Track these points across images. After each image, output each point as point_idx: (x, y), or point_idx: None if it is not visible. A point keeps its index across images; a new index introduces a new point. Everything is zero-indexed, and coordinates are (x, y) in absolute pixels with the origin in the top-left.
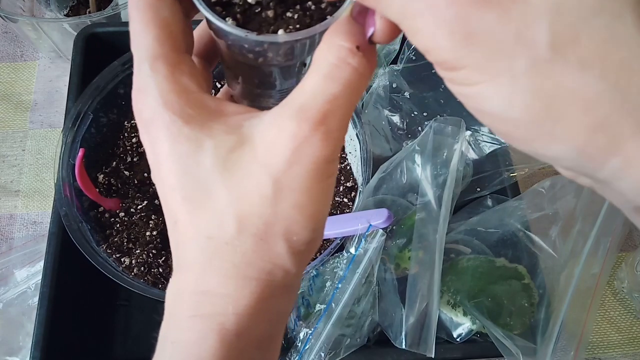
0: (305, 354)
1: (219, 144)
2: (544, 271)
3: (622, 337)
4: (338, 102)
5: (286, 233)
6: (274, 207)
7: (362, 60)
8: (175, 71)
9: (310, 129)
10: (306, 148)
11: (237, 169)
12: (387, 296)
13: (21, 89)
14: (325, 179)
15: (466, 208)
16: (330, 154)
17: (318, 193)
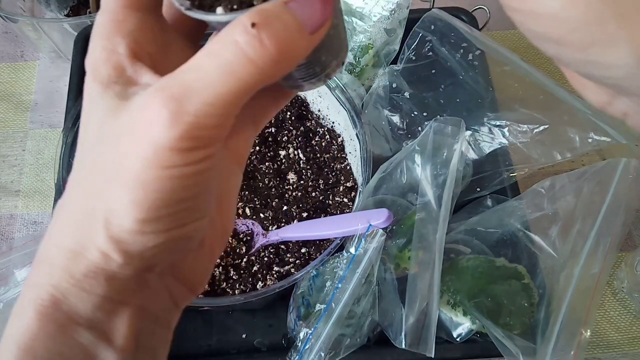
0: (305, 353)
1: (103, 102)
2: (543, 271)
3: (622, 337)
4: (205, 81)
5: (106, 213)
6: (103, 182)
7: (254, 41)
8: (113, 28)
9: (159, 106)
10: (149, 126)
11: (101, 132)
12: (387, 296)
13: (21, 89)
14: (164, 168)
15: (466, 208)
16: (173, 138)
17: (151, 181)
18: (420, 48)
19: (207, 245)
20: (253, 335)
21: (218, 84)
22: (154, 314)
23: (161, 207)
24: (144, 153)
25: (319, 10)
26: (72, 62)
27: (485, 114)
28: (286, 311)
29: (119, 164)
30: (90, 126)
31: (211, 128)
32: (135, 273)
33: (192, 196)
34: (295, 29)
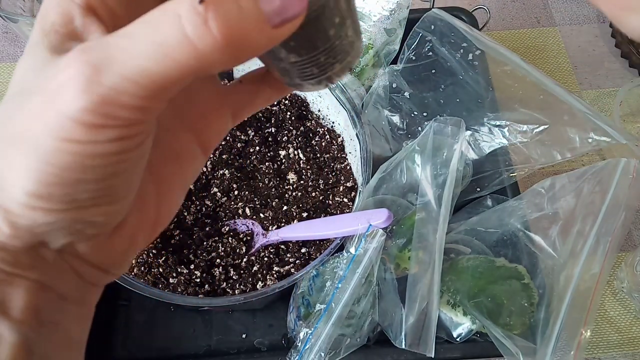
0: (305, 353)
1: (32, 54)
2: (543, 271)
3: (622, 337)
4: (131, 52)
5: (0, 177)
6: (6, 142)
7: (197, 20)
8: None
9: (75, 69)
10: (59, 90)
11: (22, 85)
12: (387, 296)
13: None
14: (66, 141)
15: (466, 208)
16: (78, 109)
17: (48, 151)
18: (420, 48)
19: (126, 232)
20: (253, 335)
21: (145, 58)
22: (59, 291)
23: (55, 183)
24: (47, 118)
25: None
26: None
27: (485, 114)
28: (286, 311)
29: (25, 124)
30: (16, 75)
31: (128, 108)
32: (26, 246)
33: (97, 178)
34: (252, 17)
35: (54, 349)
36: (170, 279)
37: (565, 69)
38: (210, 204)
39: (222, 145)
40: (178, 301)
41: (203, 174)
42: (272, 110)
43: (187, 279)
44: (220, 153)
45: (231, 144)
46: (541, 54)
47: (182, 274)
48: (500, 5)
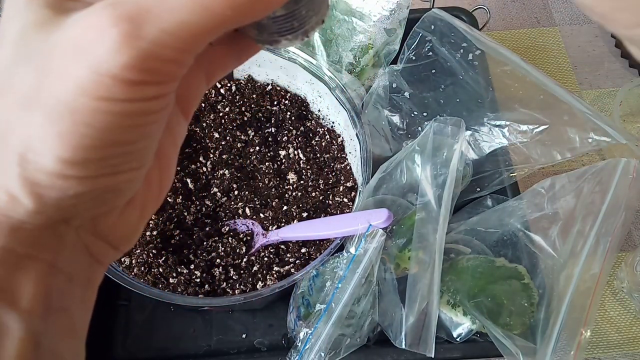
0: (306, 353)
1: (29, 10)
2: (543, 271)
3: (622, 337)
4: (169, 5)
5: (21, 146)
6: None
7: None
8: None
9: (108, 24)
10: (93, 48)
11: (22, 46)
12: (387, 296)
13: None
14: (103, 100)
15: (466, 208)
16: (120, 65)
17: (84, 111)
18: (420, 48)
19: (137, 202)
20: (253, 335)
21: (184, 11)
22: (68, 272)
23: (92, 147)
24: (80, 77)
25: None
26: None
27: (485, 114)
28: (286, 311)
29: (44, 87)
30: (7, 37)
31: (168, 62)
32: (47, 224)
33: (132, 140)
34: None
35: (61, 339)
36: (170, 279)
37: (565, 69)
38: (210, 204)
39: (222, 145)
40: (178, 301)
41: (203, 174)
42: (272, 110)
43: (187, 279)
44: (220, 153)
45: (231, 144)
46: (541, 54)
47: (182, 274)
48: (500, 5)
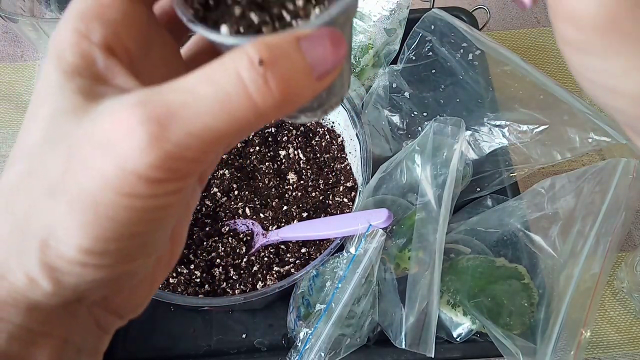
0: (306, 353)
1: (62, 96)
2: (543, 271)
3: (622, 337)
4: (195, 110)
5: (44, 233)
6: (44, 194)
7: (259, 80)
8: (94, 10)
9: (137, 123)
10: (120, 145)
11: (53, 131)
12: (387, 296)
13: (22, 89)
14: (126, 196)
15: (466, 208)
16: (145, 165)
17: (107, 205)
18: (420, 48)
19: (148, 277)
20: (253, 335)
21: (209, 116)
22: (78, 344)
23: (112, 239)
24: (107, 172)
25: (330, 53)
26: None
27: (485, 114)
28: (286, 311)
29: (70, 177)
30: (38, 120)
31: (189, 161)
32: (62, 304)
33: (149, 231)
34: (303, 72)
35: None
36: (170, 279)
37: (565, 69)
38: (210, 204)
39: None
40: (178, 301)
41: None
42: None
43: (187, 279)
44: None
45: None
46: (541, 54)
47: (182, 274)
48: (500, 5)
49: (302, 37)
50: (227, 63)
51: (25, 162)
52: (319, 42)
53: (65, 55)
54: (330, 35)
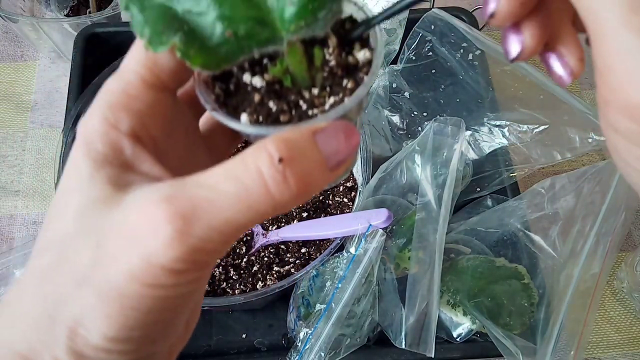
0: (305, 353)
1: (92, 186)
2: (543, 271)
3: (622, 337)
4: (218, 205)
5: (72, 322)
6: (73, 284)
7: (278, 177)
8: (122, 100)
9: (163, 219)
10: (148, 240)
11: (82, 221)
12: (387, 296)
13: (21, 89)
14: (150, 286)
15: (466, 208)
16: (171, 259)
17: (132, 297)
18: (420, 48)
19: (166, 349)
20: (253, 335)
21: (231, 210)
22: None
23: (136, 327)
24: (132, 265)
25: (344, 146)
26: (72, 62)
27: (485, 114)
28: (286, 311)
29: (98, 269)
30: (70, 208)
31: (210, 252)
32: None
33: (171, 317)
34: (318, 166)
35: None
36: None
37: None
38: None
39: None
40: None
41: None
42: None
43: None
44: None
45: None
46: None
47: None
48: None
49: (317, 131)
50: (248, 160)
51: (56, 251)
52: (334, 135)
53: (95, 145)
54: (344, 129)
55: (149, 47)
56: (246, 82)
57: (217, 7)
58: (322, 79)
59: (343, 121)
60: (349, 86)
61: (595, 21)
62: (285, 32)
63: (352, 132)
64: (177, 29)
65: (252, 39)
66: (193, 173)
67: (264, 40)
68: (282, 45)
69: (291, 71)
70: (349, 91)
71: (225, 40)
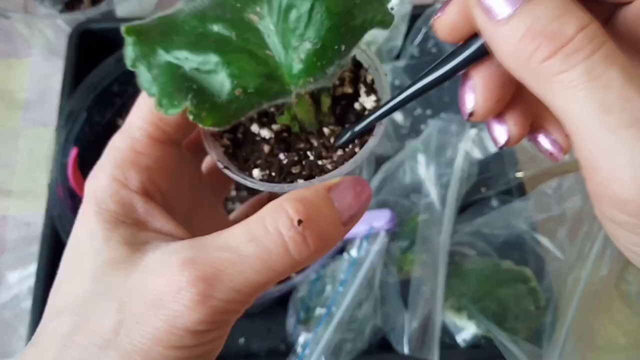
0: (305, 358)
1: (108, 247)
2: (550, 274)
3: (630, 341)
4: (240, 268)
5: None
6: (96, 348)
7: (298, 239)
8: (130, 158)
9: (186, 284)
10: (171, 305)
11: (101, 283)
12: (390, 300)
13: (14, 87)
14: (174, 348)
15: (471, 209)
16: (195, 321)
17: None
18: (423, 44)
19: None
20: (251, 340)
21: (252, 272)
22: None
23: None
24: (157, 329)
25: (356, 201)
26: (66, 59)
27: None
28: (285, 316)
29: (122, 333)
30: (86, 271)
31: (232, 312)
32: None
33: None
34: (334, 223)
35: None
36: None
37: None
38: None
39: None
40: None
41: None
42: None
43: None
44: None
45: None
46: None
47: None
48: None
49: (331, 188)
50: (268, 222)
51: (74, 314)
52: (347, 191)
53: (107, 204)
54: (355, 184)
55: (160, 109)
56: (254, 132)
57: (226, 65)
58: (329, 122)
59: (354, 177)
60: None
61: (572, 124)
62: (294, 86)
63: (364, 186)
64: (187, 89)
65: (262, 95)
66: (200, 215)
67: (274, 95)
68: (292, 97)
69: (299, 118)
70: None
71: (236, 97)
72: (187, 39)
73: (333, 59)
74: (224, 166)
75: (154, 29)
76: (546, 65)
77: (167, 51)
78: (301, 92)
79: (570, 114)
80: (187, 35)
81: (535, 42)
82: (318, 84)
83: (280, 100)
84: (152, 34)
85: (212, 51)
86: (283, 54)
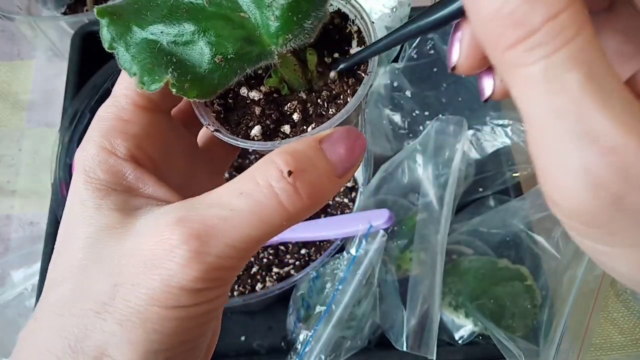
0: (305, 356)
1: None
2: (547, 272)
3: (625, 339)
4: (233, 223)
5: (98, 350)
6: (93, 313)
7: (290, 189)
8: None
9: (178, 241)
10: (165, 263)
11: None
12: (388, 298)
13: (18, 88)
14: (171, 308)
15: (468, 208)
16: (190, 279)
17: (154, 320)
18: (421, 46)
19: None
20: (252, 337)
21: (246, 226)
22: None
23: (160, 351)
24: (152, 289)
25: (350, 152)
26: (69, 60)
27: (487, 113)
28: (286, 313)
29: (118, 296)
30: (79, 239)
31: (228, 269)
32: None
33: (195, 337)
34: (327, 175)
35: None
36: None
37: None
38: None
39: None
40: None
41: None
42: None
43: None
44: None
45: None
46: None
47: None
48: None
49: (323, 140)
50: (257, 176)
51: (70, 282)
52: (339, 142)
53: (96, 173)
54: (348, 134)
55: (142, 87)
56: (244, 95)
57: (202, 33)
58: (318, 79)
59: (347, 127)
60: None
61: (526, 120)
62: (274, 46)
63: (357, 136)
64: (166, 63)
65: (243, 59)
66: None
67: (255, 58)
68: (274, 59)
69: (286, 80)
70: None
71: (217, 65)
72: (160, 13)
73: (309, 11)
74: (214, 129)
75: (127, 7)
76: (508, 54)
77: (143, 28)
78: (282, 51)
79: (525, 110)
80: (159, 9)
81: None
82: (299, 41)
83: (263, 63)
84: (126, 13)
85: (186, 21)
86: (258, 14)
